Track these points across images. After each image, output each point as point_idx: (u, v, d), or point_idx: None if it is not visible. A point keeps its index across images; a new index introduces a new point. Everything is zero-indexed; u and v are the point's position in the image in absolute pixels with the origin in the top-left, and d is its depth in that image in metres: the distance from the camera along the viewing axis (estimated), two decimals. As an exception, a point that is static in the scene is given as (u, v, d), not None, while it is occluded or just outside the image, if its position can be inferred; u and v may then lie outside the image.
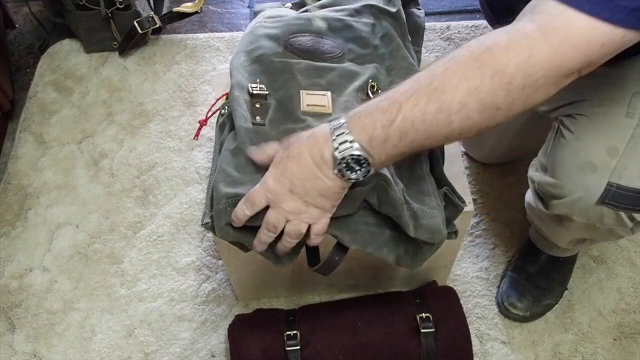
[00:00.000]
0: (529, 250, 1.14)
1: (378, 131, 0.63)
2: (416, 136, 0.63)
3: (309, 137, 0.68)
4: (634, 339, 1.11)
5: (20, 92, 1.51)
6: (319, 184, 0.68)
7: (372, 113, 0.64)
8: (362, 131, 0.64)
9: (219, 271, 1.20)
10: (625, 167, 0.78)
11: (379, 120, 0.63)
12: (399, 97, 0.63)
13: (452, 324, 0.97)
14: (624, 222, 0.83)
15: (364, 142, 0.64)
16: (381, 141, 0.64)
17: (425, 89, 0.62)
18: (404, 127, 0.62)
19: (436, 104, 0.61)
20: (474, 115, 0.61)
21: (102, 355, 1.11)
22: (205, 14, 1.67)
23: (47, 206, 1.30)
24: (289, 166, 0.68)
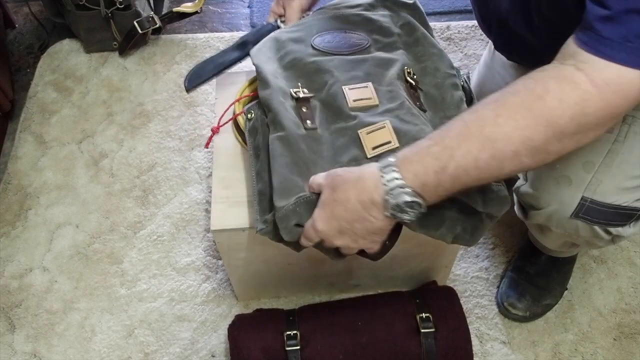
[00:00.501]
0: (528, 250, 1.14)
1: (431, 177, 0.65)
2: (468, 180, 0.65)
3: (357, 181, 0.69)
4: (634, 339, 1.11)
5: (20, 92, 1.51)
6: (368, 225, 0.70)
7: (424, 159, 0.66)
8: (414, 177, 0.66)
9: (219, 271, 1.20)
10: (600, 182, 0.79)
11: (431, 166, 0.65)
12: (449, 143, 0.64)
13: (452, 324, 0.97)
14: (599, 235, 0.84)
15: (417, 188, 0.66)
16: (434, 186, 0.66)
17: (477, 136, 0.63)
18: (456, 174, 0.64)
19: (489, 152, 0.63)
20: (526, 160, 0.63)
21: (102, 355, 1.11)
22: (205, 14, 1.67)
23: (47, 206, 1.30)
24: (336, 210, 0.71)
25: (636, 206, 0.81)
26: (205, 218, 1.26)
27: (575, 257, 1.15)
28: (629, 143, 0.79)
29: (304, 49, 0.91)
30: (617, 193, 0.79)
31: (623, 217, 0.82)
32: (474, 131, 0.63)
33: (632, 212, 0.82)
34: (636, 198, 0.81)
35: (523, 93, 0.63)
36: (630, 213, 0.82)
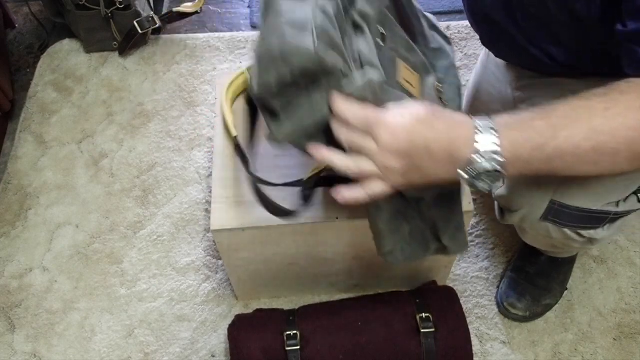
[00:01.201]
0: (528, 250, 1.14)
1: (526, 152, 0.61)
2: (559, 166, 0.62)
3: (454, 125, 0.63)
4: (634, 339, 1.11)
5: (20, 92, 1.51)
6: (435, 169, 0.64)
7: (526, 130, 0.61)
8: (510, 146, 0.61)
9: (219, 271, 1.20)
10: (568, 187, 0.80)
11: (531, 140, 0.61)
12: (555, 121, 0.61)
13: (452, 324, 0.97)
14: (572, 238, 0.85)
15: (508, 160, 0.61)
16: (524, 162, 0.62)
17: (585, 123, 0.60)
18: (552, 155, 0.61)
19: (592, 143, 0.60)
20: (622, 163, 0.61)
21: (102, 355, 1.11)
22: (205, 14, 1.67)
23: (47, 206, 1.30)
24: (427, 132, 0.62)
25: (607, 210, 0.81)
26: (205, 218, 1.26)
27: (575, 257, 1.15)
28: None
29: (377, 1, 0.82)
30: (586, 197, 0.80)
31: (593, 221, 0.83)
32: (583, 117, 0.60)
33: (603, 215, 0.82)
34: (606, 202, 0.81)
35: (634, 94, 0.61)
36: (601, 217, 0.82)
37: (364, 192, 0.67)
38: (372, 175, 0.65)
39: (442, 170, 0.63)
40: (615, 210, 0.82)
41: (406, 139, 0.62)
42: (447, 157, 0.62)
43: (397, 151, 0.62)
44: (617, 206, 0.82)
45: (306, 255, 0.99)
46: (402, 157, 0.63)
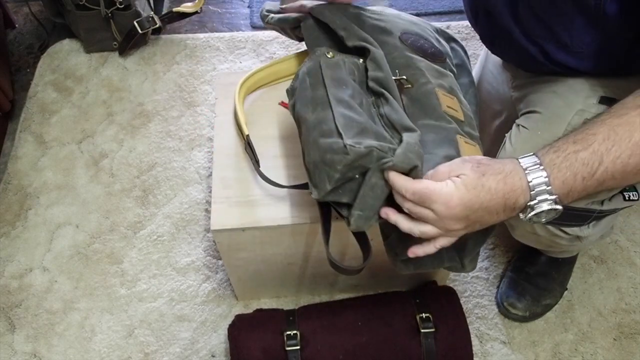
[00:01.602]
0: (528, 251, 1.14)
1: (578, 183, 0.64)
2: (612, 184, 0.65)
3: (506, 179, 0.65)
4: (634, 339, 1.11)
5: (20, 92, 1.51)
6: (494, 219, 0.67)
7: (572, 165, 0.64)
8: (562, 185, 0.64)
9: (219, 271, 1.20)
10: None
11: (580, 173, 0.64)
12: (597, 148, 0.63)
13: (452, 324, 0.97)
14: (557, 235, 0.85)
15: (562, 196, 0.64)
16: (578, 192, 0.65)
17: (626, 141, 0.63)
18: (603, 178, 0.64)
19: (637, 158, 0.63)
20: None
21: (102, 355, 1.11)
22: (205, 14, 1.67)
23: (47, 206, 1.30)
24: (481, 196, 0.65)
25: (591, 208, 0.81)
26: (205, 218, 1.26)
27: (576, 258, 1.15)
28: None
29: (392, 40, 0.88)
30: None
31: (577, 219, 0.83)
32: (623, 137, 0.63)
33: (587, 213, 0.82)
34: (591, 200, 0.81)
35: None
36: (585, 215, 0.83)
37: (433, 247, 0.71)
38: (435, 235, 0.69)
39: (501, 218, 0.67)
40: (600, 208, 0.82)
41: (461, 207, 0.65)
42: (505, 209, 0.66)
43: (454, 217, 0.66)
44: (602, 204, 0.82)
45: (306, 255, 0.99)
46: (462, 220, 0.66)
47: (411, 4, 1.65)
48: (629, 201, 0.84)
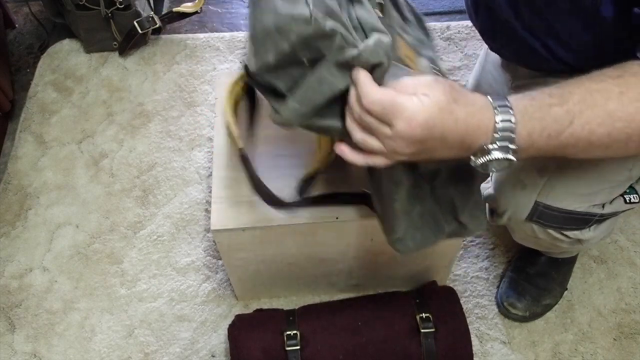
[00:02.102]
0: (528, 251, 1.14)
1: (542, 139, 0.60)
2: (572, 151, 0.61)
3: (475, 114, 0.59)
4: (634, 339, 1.11)
5: (20, 92, 1.51)
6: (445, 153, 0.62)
7: (544, 118, 0.60)
8: (527, 136, 0.60)
9: (219, 271, 1.20)
10: (552, 188, 0.80)
11: (548, 129, 0.60)
12: (572, 107, 0.60)
13: (452, 324, 0.97)
14: (558, 239, 0.85)
15: (522, 147, 0.60)
16: (537, 149, 0.61)
17: (601, 109, 0.59)
18: (567, 142, 0.60)
19: (607, 129, 0.59)
20: (633, 147, 0.61)
21: (102, 355, 1.11)
22: (205, 14, 1.67)
23: (47, 206, 1.30)
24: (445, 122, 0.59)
25: (592, 212, 0.81)
26: (205, 218, 1.26)
27: (576, 258, 1.15)
28: None
29: None
30: (570, 198, 0.80)
31: (578, 222, 0.83)
32: (598, 102, 0.59)
33: (588, 217, 0.82)
34: (592, 204, 0.81)
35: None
36: (586, 218, 0.83)
37: (363, 161, 0.65)
38: (377, 151, 0.63)
39: (452, 154, 0.62)
40: (601, 212, 0.82)
41: (423, 129, 0.58)
42: (461, 144, 0.60)
43: (411, 139, 0.59)
44: (603, 208, 0.82)
45: (306, 255, 0.99)
46: (414, 144, 0.60)
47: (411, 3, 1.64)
48: (630, 204, 0.84)
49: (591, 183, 0.80)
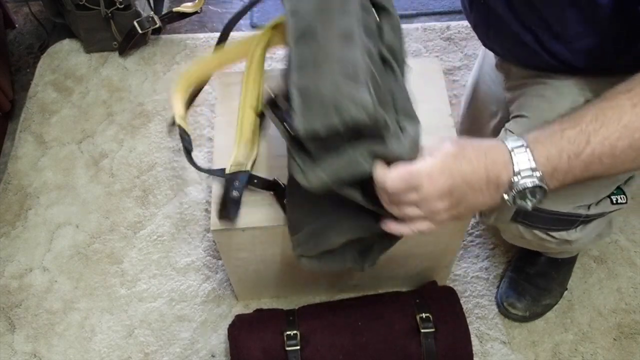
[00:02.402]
0: (528, 251, 1.14)
1: (563, 162, 0.61)
2: (599, 168, 0.62)
3: (487, 152, 0.63)
4: (634, 339, 1.11)
5: (20, 92, 1.51)
6: (479, 199, 0.64)
7: (558, 142, 0.61)
8: (546, 161, 0.62)
9: (219, 271, 1.20)
10: None
11: (566, 150, 0.61)
12: (585, 128, 0.61)
13: (452, 324, 0.97)
14: (544, 239, 0.85)
15: (546, 173, 0.62)
16: (564, 172, 0.62)
17: (615, 123, 0.60)
18: (590, 160, 0.61)
19: (627, 141, 0.60)
20: None
21: (102, 355, 1.11)
22: (205, 14, 1.67)
23: (47, 206, 1.30)
24: (462, 167, 0.63)
25: (577, 212, 0.81)
26: (205, 218, 1.26)
27: (576, 258, 1.15)
28: None
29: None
30: (555, 200, 0.79)
31: (564, 223, 0.83)
32: (612, 118, 0.60)
33: (573, 218, 0.82)
34: (577, 205, 0.81)
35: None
36: (571, 219, 0.82)
37: (410, 230, 0.68)
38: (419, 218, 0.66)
39: (486, 198, 0.64)
40: (587, 213, 0.82)
41: (444, 179, 0.62)
42: (488, 184, 0.63)
43: (439, 193, 0.63)
44: (589, 209, 0.82)
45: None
46: (445, 197, 0.63)
47: (411, 4, 1.64)
48: (617, 204, 0.84)
49: (576, 185, 0.80)
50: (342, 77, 0.62)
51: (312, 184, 0.65)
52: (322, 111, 0.61)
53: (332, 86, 0.61)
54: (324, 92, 0.61)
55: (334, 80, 0.61)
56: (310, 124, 0.61)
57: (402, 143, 0.65)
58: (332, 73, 0.62)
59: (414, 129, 0.68)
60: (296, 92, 0.63)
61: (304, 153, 0.65)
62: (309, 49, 0.65)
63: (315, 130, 0.61)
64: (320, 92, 0.61)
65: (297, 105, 0.62)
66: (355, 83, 0.62)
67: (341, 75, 0.62)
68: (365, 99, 0.60)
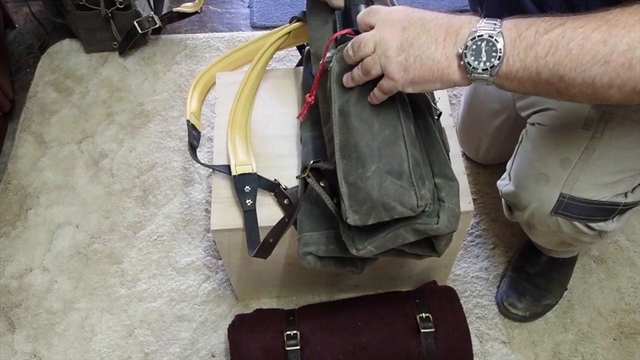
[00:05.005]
0: (528, 251, 1.14)
1: (530, 33, 0.57)
2: (563, 59, 0.56)
3: (450, 13, 0.63)
4: (634, 339, 1.11)
5: (20, 92, 1.51)
6: (431, 49, 0.62)
7: (531, 19, 0.58)
8: (513, 27, 0.58)
9: (219, 271, 1.20)
10: (577, 179, 0.80)
11: (536, 25, 0.57)
12: (565, 17, 0.57)
13: (452, 324, 0.97)
14: (582, 231, 0.85)
15: (508, 37, 0.58)
16: (526, 45, 0.57)
17: (597, 19, 0.55)
18: (557, 41, 0.56)
19: (602, 34, 0.54)
20: (637, 67, 0.54)
21: (102, 355, 1.11)
22: (205, 14, 1.67)
23: (47, 206, 1.30)
24: (424, 13, 0.63)
25: (616, 201, 0.81)
26: (205, 218, 1.26)
27: (576, 258, 1.15)
28: (605, 139, 0.80)
29: None
30: (595, 189, 0.80)
31: (603, 213, 0.83)
32: (597, 16, 0.56)
33: (612, 207, 0.82)
34: (615, 193, 0.81)
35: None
36: (610, 208, 0.82)
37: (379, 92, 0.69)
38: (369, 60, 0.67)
39: (439, 51, 0.62)
40: (625, 201, 0.82)
41: (402, 14, 0.64)
42: (446, 36, 0.61)
43: (392, 22, 0.64)
44: (626, 197, 0.82)
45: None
46: (397, 32, 0.63)
47: (411, 4, 1.65)
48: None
49: (613, 172, 0.80)
50: (387, 174, 0.69)
51: (360, 254, 0.74)
52: (373, 211, 0.69)
53: (377, 186, 0.68)
54: (371, 194, 0.68)
55: (378, 179, 0.68)
56: (363, 220, 0.70)
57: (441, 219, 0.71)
58: (378, 171, 0.69)
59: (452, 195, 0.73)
60: (345, 186, 0.71)
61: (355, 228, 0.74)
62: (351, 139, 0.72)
63: (366, 222, 0.70)
64: (369, 195, 0.68)
65: (347, 202, 0.71)
66: (398, 179, 0.68)
67: (387, 172, 0.69)
68: (411, 202, 0.68)
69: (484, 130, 1.17)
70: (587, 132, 0.80)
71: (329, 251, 0.81)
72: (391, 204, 0.68)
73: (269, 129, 0.99)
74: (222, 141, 0.98)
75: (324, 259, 0.83)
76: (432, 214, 0.71)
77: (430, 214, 0.71)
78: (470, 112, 1.20)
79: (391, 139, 0.70)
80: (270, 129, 0.99)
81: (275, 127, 0.99)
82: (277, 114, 1.01)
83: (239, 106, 0.99)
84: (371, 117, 0.71)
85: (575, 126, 0.81)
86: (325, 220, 0.82)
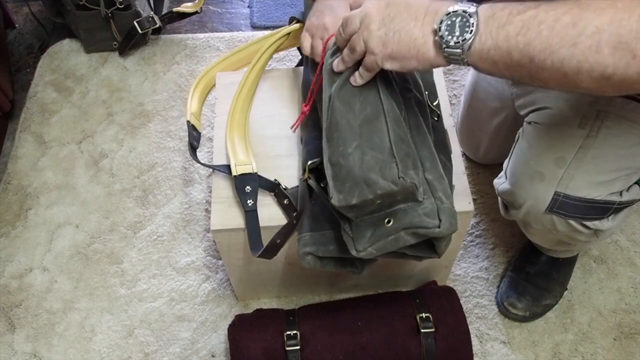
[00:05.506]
0: (528, 250, 1.14)
1: (504, 14, 0.59)
2: (534, 40, 0.57)
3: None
4: (634, 339, 1.11)
5: (20, 92, 1.51)
6: (410, 26, 0.64)
7: (508, 2, 0.60)
8: (489, 7, 0.60)
9: (219, 271, 1.20)
10: (571, 178, 0.80)
11: (510, 7, 0.59)
12: (541, 1, 0.58)
13: (452, 324, 0.97)
14: (577, 230, 0.85)
15: (483, 16, 0.60)
16: (499, 24, 0.59)
17: (570, 3, 0.56)
18: (529, 22, 0.57)
19: (573, 17, 0.55)
20: (605, 50, 0.54)
21: (102, 355, 1.11)
22: (205, 14, 1.67)
23: (47, 206, 1.30)
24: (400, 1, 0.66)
25: (611, 200, 0.82)
26: (205, 218, 1.26)
27: (576, 258, 1.15)
28: (601, 138, 0.80)
29: None
30: (590, 187, 0.80)
31: (598, 211, 0.83)
32: (567, 3, 0.57)
33: (607, 205, 0.82)
34: (610, 192, 0.81)
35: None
36: (605, 207, 0.83)
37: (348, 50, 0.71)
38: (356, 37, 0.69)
39: (417, 29, 0.64)
40: (619, 199, 0.82)
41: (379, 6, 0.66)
42: (425, 15, 0.64)
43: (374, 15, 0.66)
44: (621, 195, 0.82)
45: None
46: (382, 5, 0.66)
47: None
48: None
49: (609, 170, 0.80)
50: (369, 149, 0.68)
51: (360, 255, 0.74)
52: (356, 188, 0.68)
53: (359, 161, 0.68)
54: (352, 169, 0.68)
55: (360, 154, 0.68)
56: (347, 200, 0.69)
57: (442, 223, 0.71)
58: (359, 147, 0.69)
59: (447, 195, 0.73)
60: (329, 168, 0.71)
61: (348, 222, 0.74)
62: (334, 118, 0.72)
63: (350, 202, 0.69)
64: (350, 172, 0.68)
65: (331, 182, 0.71)
66: (380, 154, 0.68)
67: (369, 147, 0.68)
68: (391, 172, 0.67)
69: (484, 129, 1.18)
70: (582, 130, 0.80)
71: (328, 251, 0.81)
72: (372, 178, 0.67)
73: (268, 129, 0.99)
74: (222, 141, 0.98)
75: (324, 259, 0.83)
76: (432, 214, 0.71)
77: (430, 215, 0.71)
78: (470, 112, 1.20)
79: (372, 116, 0.71)
80: (270, 129, 0.99)
81: (275, 127, 0.99)
82: (277, 114, 1.01)
83: (237, 106, 0.99)
84: (353, 98, 0.72)
85: (571, 125, 0.81)
86: (326, 220, 0.83)
